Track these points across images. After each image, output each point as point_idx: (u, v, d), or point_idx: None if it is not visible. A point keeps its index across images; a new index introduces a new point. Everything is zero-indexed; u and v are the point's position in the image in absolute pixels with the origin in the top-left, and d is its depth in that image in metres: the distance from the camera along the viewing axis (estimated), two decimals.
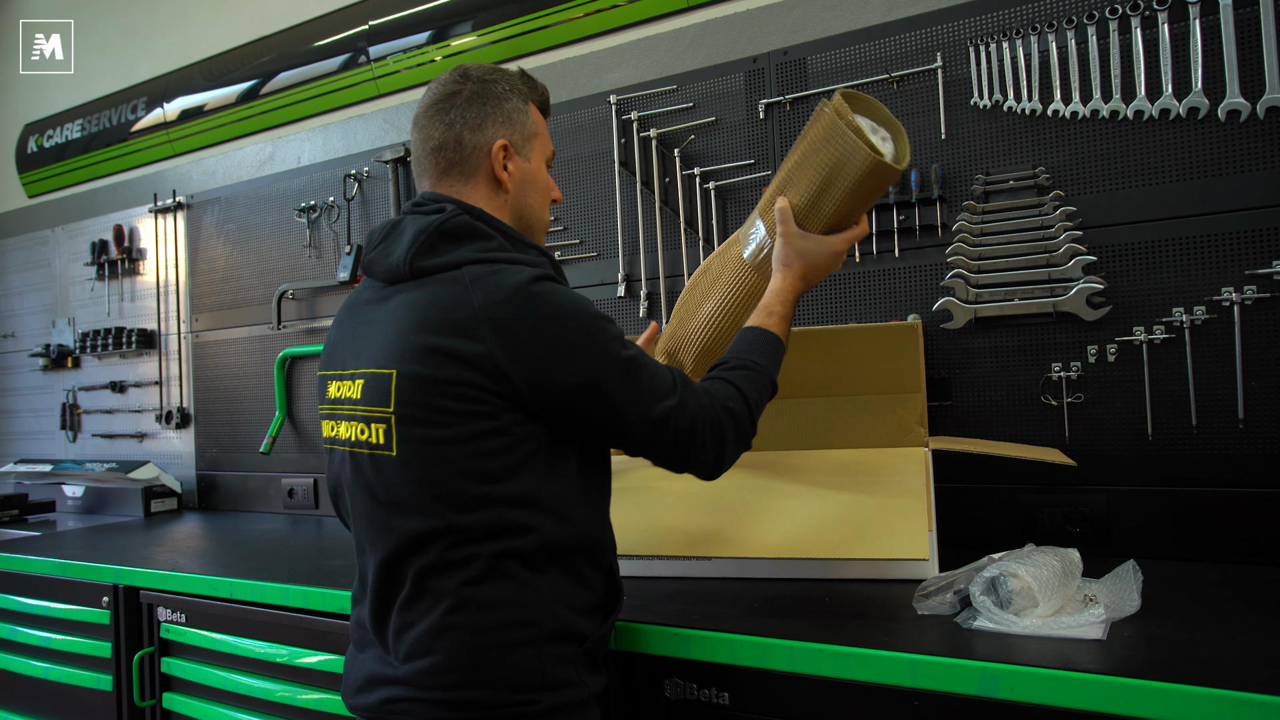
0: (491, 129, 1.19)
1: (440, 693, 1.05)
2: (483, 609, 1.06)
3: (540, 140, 1.26)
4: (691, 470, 1.18)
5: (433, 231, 1.11)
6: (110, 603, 1.97)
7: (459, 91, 1.20)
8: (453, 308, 1.06)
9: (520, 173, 1.22)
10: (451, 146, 1.18)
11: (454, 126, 1.18)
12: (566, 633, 1.10)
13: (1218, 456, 1.59)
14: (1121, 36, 1.66)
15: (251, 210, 2.95)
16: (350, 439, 1.14)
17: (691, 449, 1.14)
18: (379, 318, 1.14)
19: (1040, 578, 1.20)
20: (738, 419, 1.18)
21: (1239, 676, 0.98)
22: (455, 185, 1.20)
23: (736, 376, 1.22)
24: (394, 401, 1.07)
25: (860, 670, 1.15)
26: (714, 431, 1.15)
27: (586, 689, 1.12)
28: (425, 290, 1.10)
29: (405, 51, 2.67)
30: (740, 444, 1.20)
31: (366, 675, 1.12)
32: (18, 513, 3.10)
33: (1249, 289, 1.56)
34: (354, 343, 1.17)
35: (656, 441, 1.13)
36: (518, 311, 1.05)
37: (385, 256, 1.15)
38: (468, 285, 1.07)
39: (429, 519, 1.06)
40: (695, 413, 1.13)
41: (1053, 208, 1.71)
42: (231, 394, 2.98)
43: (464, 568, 1.06)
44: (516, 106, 1.22)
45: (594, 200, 2.27)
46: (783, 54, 2.01)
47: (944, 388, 1.81)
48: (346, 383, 1.15)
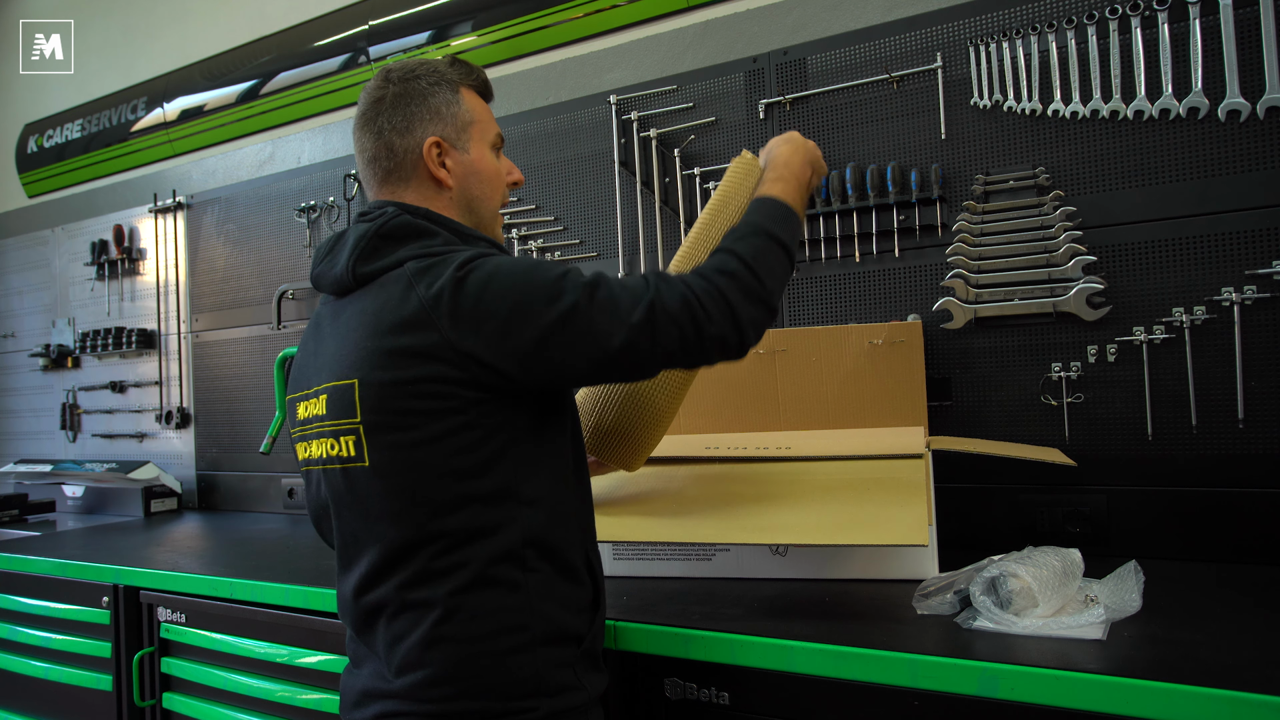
0: (420, 129, 1.17)
1: (435, 705, 1.03)
2: (474, 617, 1.04)
3: (479, 127, 1.21)
4: (714, 354, 1.09)
5: (372, 236, 1.10)
6: (110, 603, 1.97)
7: (382, 97, 1.18)
8: (400, 304, 1.04)
9: (460, 166, 1.19)
10: (384, 155, 1.17)
11: (383, 134, 1.17)
12: (561, 634, 1.09)
13: (1218, 456, 1.59)
14: (1121, 36, 1.66)
15: (251, 210, 2.95)
16: (322, 456, 1.12)
17: (698, 335, 1.05)
18: (334, 331, 1.13)
19: (1040, 578, 1.20)
20: (738, 278, 1.09)
21: (1239, 676, 0.98)
22: (396, 191, 1.18)
23: (727, 245, 1.14)
24: (360, 410, 1.05)
25: (860, 670, 1.14)
26: (714, 302, 1.06)
27: (586, 692, 1.10)
28: (372, 294, 1.08)
29: (405, 51, 2.67)
30: (753, 303, 1.10)
31: (361, 690, 1.11)
32: (18, 513, 3.10)
33: (1249, 289, 1.56)
34: (315, 360, 1.16)
35: (653, 351, 1.05)
36: (459, 289, 1.02)
37: (330, 268, 1.15)
38: (410, 279, 1.05)
39: (408, 527, 1.04)
40: (680, 299, 1.05)
41: (1053, 208, 1.71)
42: (231, 394, 2.98)
43: (451, 576, 1.04)
44: (445, 99, 1.19)
45: (594, 200, 2.27)
46: (783, 54, 2.01)
47: (944, 388, 1.81)
48: (312, 401, 1.13)
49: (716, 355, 1.09)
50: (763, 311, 1.11)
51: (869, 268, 1.90)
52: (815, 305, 1.96)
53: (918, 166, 1.84)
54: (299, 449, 1.19)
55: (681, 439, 1.81)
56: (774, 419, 1.79)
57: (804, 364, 1.76)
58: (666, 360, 1.07)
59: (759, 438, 1.72)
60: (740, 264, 1.11)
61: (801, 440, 1.69)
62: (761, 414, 1.79)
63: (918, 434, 1.62)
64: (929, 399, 1.76)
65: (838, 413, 1.74)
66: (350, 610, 1.13)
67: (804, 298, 1.97)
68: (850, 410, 1.73)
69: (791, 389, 1.77)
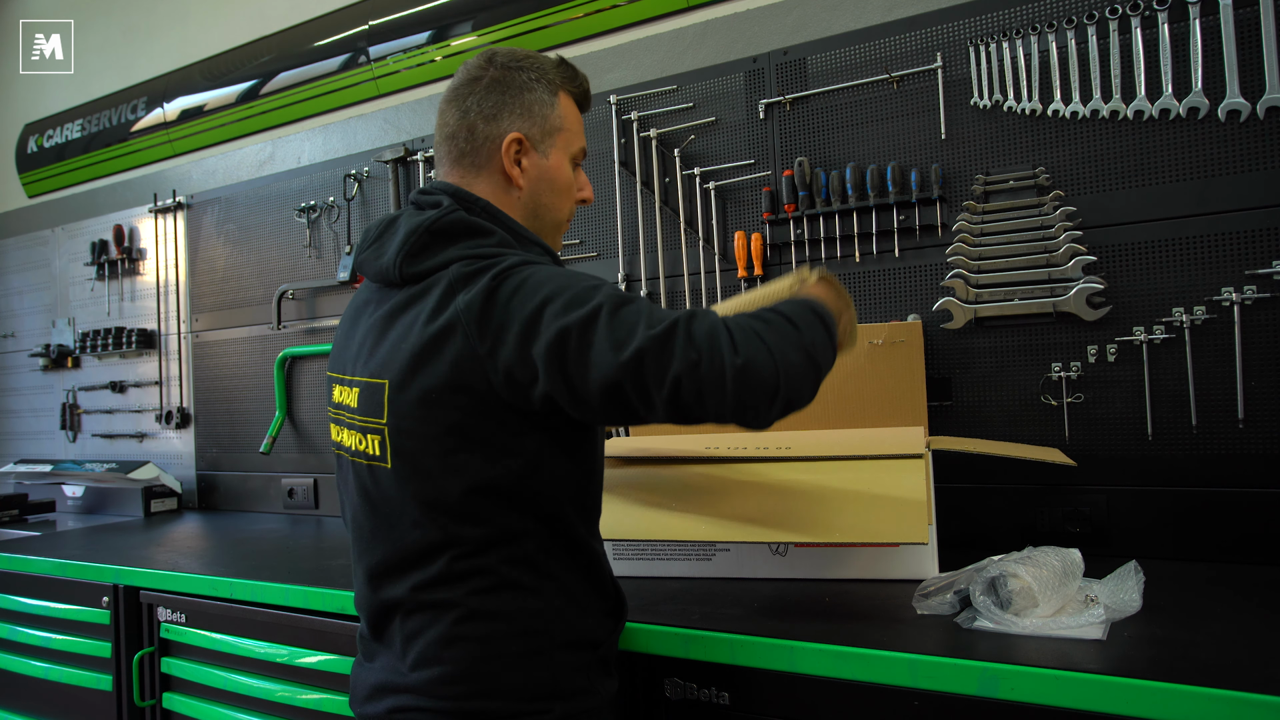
0: (507, 120, 1.14)
1: (450, 702, 1.03)
2: (493, 619, 1.04)
3: (565, 135, 1.18)
4: (738, 393, 0.92)
5: (424, 231, 1.06)
6: (110, 603, 1.97)
7: (480, 78, 1.15)
8: (437, 311, 1.02)
9: (536, 169, 1.15)
10: (464, 135, 1.14)
11: (468, 114, 1.14)
12: (579, 640, 1.09)
13: (1218, 456, 1.59)
14: (1121, 36, 1.66)
15: (251, 210, 2.95)
16: (351, 447, 1.13)
17: (718, 366, 0.92)
18: (375, 325, 1.11)
19: (1040, 578, 1.20)
20: (775, 325, 0.98)
21: (1239, 676, 0.98)
22: (466, 175, 1.15)
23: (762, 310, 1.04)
24: (387, 413, 1.04)
25: (860, 670, 1.14)
26: (747, 337, 0.94)
27: (599, 696, 1.10)
28: (416, 295, 1.06)
29: (405, 51, 2.67)
30: (794, 349, 0.96)
31: (374, 684, 1.11)
32: (18, 513, 3.10)
33: (1249, 289, 1.56)
34: (355, 348, 1.14)
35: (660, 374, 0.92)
36: (490, 299, 0.98)
37: (377, 258, 1.11)
38: (451, 284, 1.02)
39: (429, 532, 1.04)
40: (709, 325, 0.94)
41: (1053, 208, 1.71)
42: (231, 394, 2.98)
43: (470, 579, 1.04)
44: (540, 98, 1.15)
45: (594, 200, 2.26)
46: (783, 54, 2.01)
47: (944, 388, 1.81)
48: (346, 389, 1.13)
49: (741, 394, 0.93)
50: (803, 360, 0.97)
51: (869, 268, 1.90)
52: None
53: (918, 166, 1.84)
54: (333, 429, 1.18)
55: (681, 439, 1.81)
56: None
57: None
58: (672, 392, 0.92)
59: (759, 438, 1.72)
60: (778, 317, 1.00)
61: (801, 440, 1.69)
62: None
63: (918, 434, 1.62)
64: (929, 399, 1.76)
65: (838, 413, 1.74)
66: (366, 602, 1.13)
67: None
68: (850, 410, 1.73)
69: None
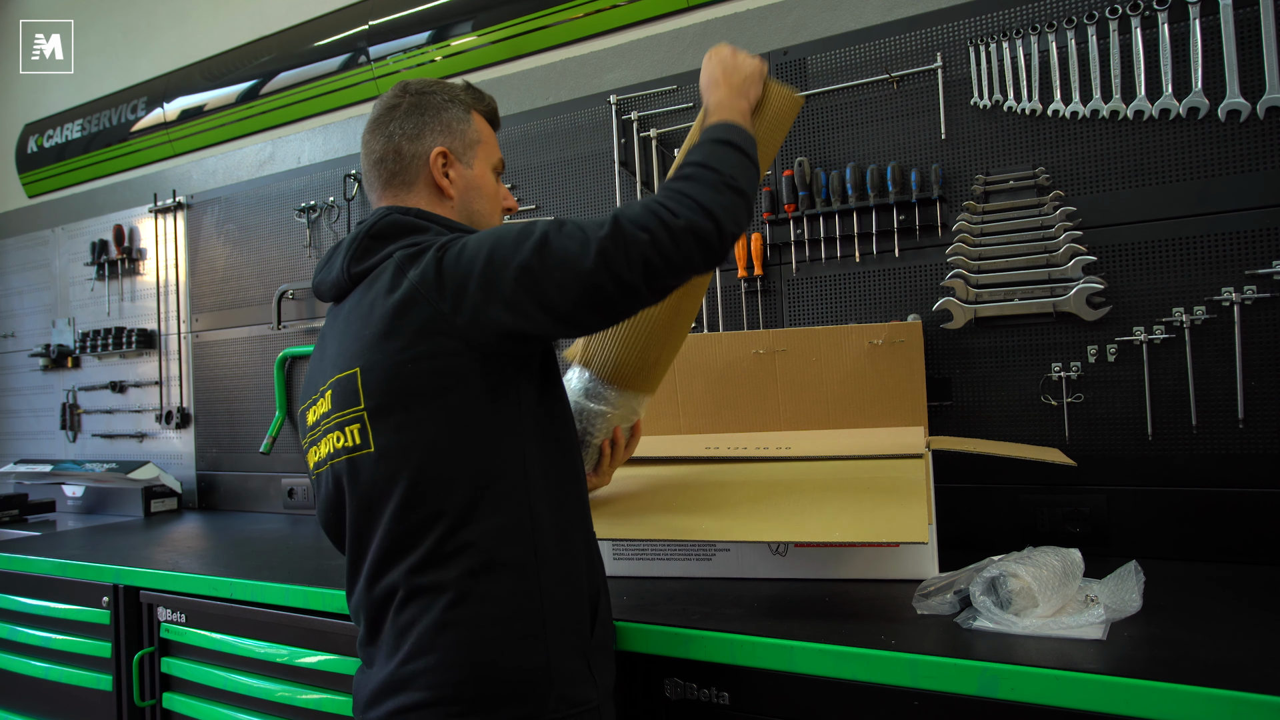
0: (430, 138, 1.21)
1: (445, 690, 1.03)
2: (485, 601, 1.04)
3: (484, 148, 1.27)
4: (692, 248, 1.04)
5: (363, 237, 1.14)
6: (110, 603, 1.97)
7: (398, 104, 1.23)
8: (391, 289, 1.07)
9: (463, 179, 1.23)
10: (391, 158, 1.21)
11: (393, 138, 1.21)
12: (574, 623, 1.10)
13: (1218, 456, 1.59)
14: (1121, 36, 1.66)
15: (251, 210, 2.95)
16: (329, 452, 1.13)
17: (669, 232, 1.02)
18: (335, 334, 1.16)
19: (1040, 578, 1.20)
20: (696, 177, 1.08)
21: (1239, 676, 0.98)
22: (399, 194, 1.22)
23: (678, 164, 1.14)
24: (363, 397, 1.07)
25: (860, 670, 1.14)
26: (677, 199, 1.05)
27: (595, 684, 1.11)
28: (365, 287, 1.12)
29: (405, 51, 2.67)
30: (719, 190, 1.07)
31: (375, 688, 1.10)
32: (18, 513, 3.10)
33: (1249, 289, 1.56)
34: (320, 366, 1.18)
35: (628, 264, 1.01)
36: (440, 266, 1.05)
37: (328, 274, 1.19)
38: (398, 266, 1.08)
39: (415, 510, 1.05)
40: (641, 207, 1.05)
41: (1053, 208, 1.71)
42: (231, 394, 2.98)
43: (460, 557, 1.04)
44: (457, 115, 1.24)
45: (594, 200, 2.27)
46: (783, 54, 2.01)
47: (944, 388, 1.81)
48: (319, 402, 1.15)
49: (695, 250, 1.04)
50: (731, 197, 1.08)
51: (869, 268, 1.90)
52: (815, 305, 1.96)
53: (918, 166, 1.84)
54: (309, 456, 1.20)
55: (681, 439, 1.81)
56: (774, 419, 1.79)
57: (804, 364, 1.76)
58: (646, 271, 1.02)
59: (759, 438, 1.72)
60: (695, 167, 1.10)
61: (801, 440, 1.69)
62: (761, 414, 1.79)
63: (918, 434, 1.62)
64: (929, 399, 1.76)
65: (838, 413, 1.74)
66: (362, 606, 1.13)
67: (804, 298, 1.97)
68: (850, 410, 1.73)
69: (791, 389, 1.77)
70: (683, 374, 1.83)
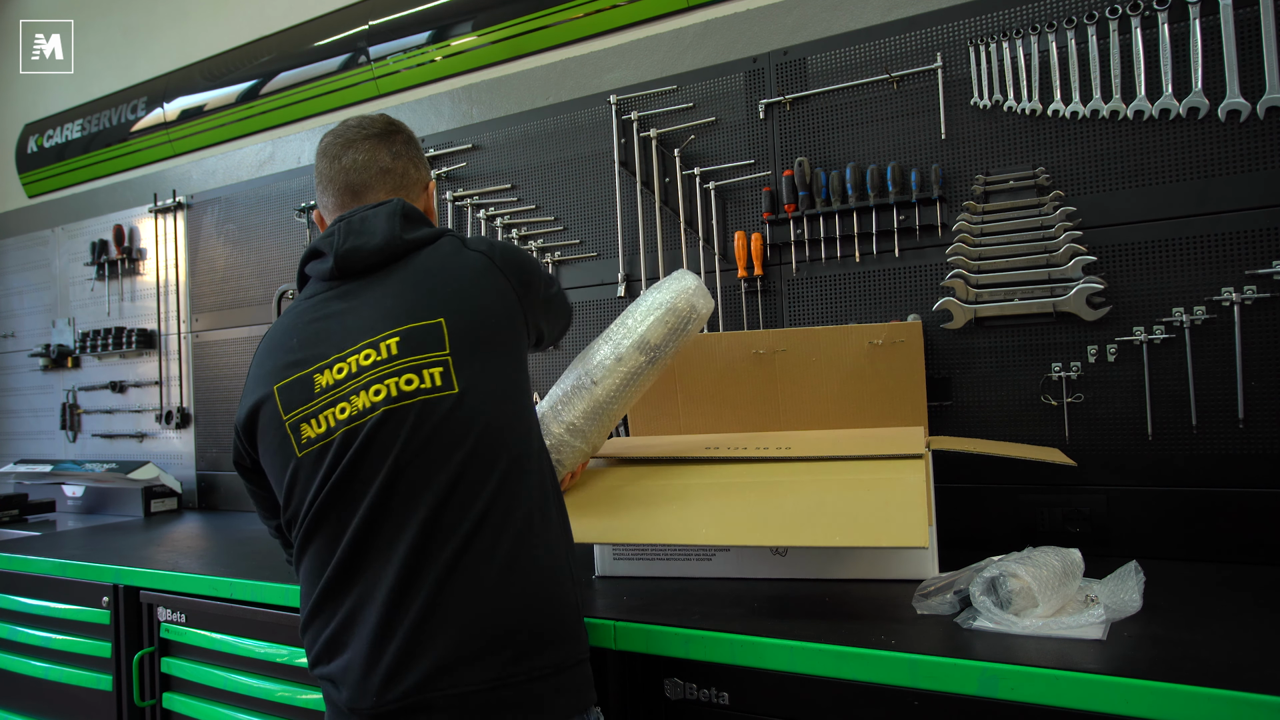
0: (425, 170, 1.41)
1: (519, 633, 1.10)
2: (541, 541, 1.16)
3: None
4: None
5: (400, 214, 1.25)
6: (110, 603, 1.97)
7: (398, 131, 1.38)
8: (463, 258, 1.23)
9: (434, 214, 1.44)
10: (400, 172, 1.35)
11: (400, 157, 1.35)
12: (578, 573, 1.23)
13: (1218, 456, 1.59)
14: (1121, 36, 1.67)
15: (251, 210, 2.95)
16: (382, 399, 1.11)
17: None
18: (370, 300, 1.19)
19: (1040, 578, 1.20)
20: None
21: (1240, 676, 0.98)
22: None
23: None
24: (449, 344, 1.15)
25: (860, 670, 1.15)
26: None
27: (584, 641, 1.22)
28: (424, 258, 1.23)
29: (405, 51, 2.67)
30: None
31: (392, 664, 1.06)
32: (18, 513, 3.10)
33: (1249, 289, 1.56)
34: (338, 332, 1.17)
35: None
36: (504, 248, 1.28)
37: (363, 245, 1.22)
38: (460, 243, 1.26)
39: (494, 446, 1.14)
40: None
41: (1053, 208, 1.71)
42: (231, 394, 2.98)
43: (522, 496, 1.15)
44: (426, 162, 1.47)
45: (594, 200, 2.27)
46: (783, 54, 2.01)
47: (944, 388, 1.81)
48: (358, 355, 1.14)
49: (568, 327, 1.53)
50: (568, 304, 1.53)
51: (869, 268, 1.90)
52: (815, 305, 1.96)
53: (918, 166, 1.84)
54: (308, 426, 1.15)
55: (681, 439, 1.81)
56: (774, 419, 1.79)
57: (804, 364, 1.76)
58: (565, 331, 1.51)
59: (759, 438, 1.72)
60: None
61: (801, 440, 1.69)
62: (761, 414, 1.79)
63: (918, 434, 1.62)
64: (929, 399, 1.76)
65: (838, 413, 1.74)
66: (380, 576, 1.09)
67: (804, 298, 1.97)
68: (850, 410, 1.73)
69: (791, 389, 1.77)
70: (683, 374, 1.83)
